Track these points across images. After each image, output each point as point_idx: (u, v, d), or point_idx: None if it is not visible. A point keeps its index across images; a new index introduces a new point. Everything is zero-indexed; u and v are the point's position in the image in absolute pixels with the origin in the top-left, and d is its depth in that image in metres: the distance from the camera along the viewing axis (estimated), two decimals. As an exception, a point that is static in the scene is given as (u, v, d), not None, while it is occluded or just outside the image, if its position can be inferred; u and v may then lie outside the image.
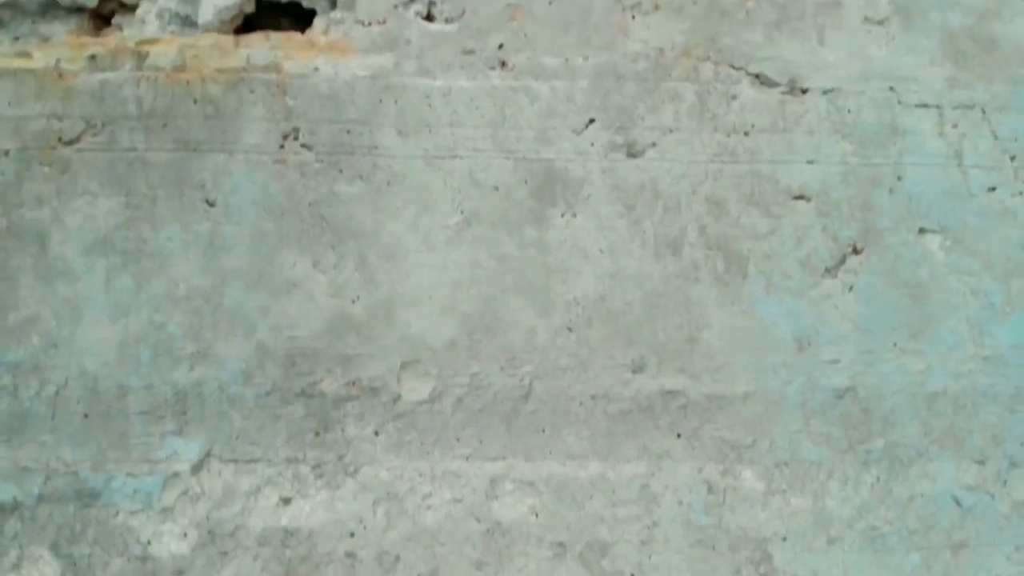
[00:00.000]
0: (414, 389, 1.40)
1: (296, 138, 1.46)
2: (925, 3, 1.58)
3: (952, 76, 1.55)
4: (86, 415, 1.38)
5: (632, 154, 1.49)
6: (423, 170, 1.47)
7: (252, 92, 1.46)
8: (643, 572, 1.40)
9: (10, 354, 1.39)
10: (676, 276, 1.46)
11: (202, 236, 1.42)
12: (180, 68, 1.47)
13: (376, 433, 1.40)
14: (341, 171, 1.45)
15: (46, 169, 1.43)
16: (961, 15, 1.58)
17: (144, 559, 1.36)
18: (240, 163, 1.44)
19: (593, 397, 1.42)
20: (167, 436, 1.38)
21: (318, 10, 1.55)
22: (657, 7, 1.54)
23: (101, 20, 1.56)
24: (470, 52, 1.50)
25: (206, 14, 1.51)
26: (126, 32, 1.54)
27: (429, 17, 1.52)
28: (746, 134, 1.50)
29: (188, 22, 1.53)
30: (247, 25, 1.58)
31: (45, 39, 1.53)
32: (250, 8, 1.56)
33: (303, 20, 1.58)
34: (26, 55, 1.48)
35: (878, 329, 1.47)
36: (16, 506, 1.36)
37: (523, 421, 1.42)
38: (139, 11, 1.53)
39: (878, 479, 1.44)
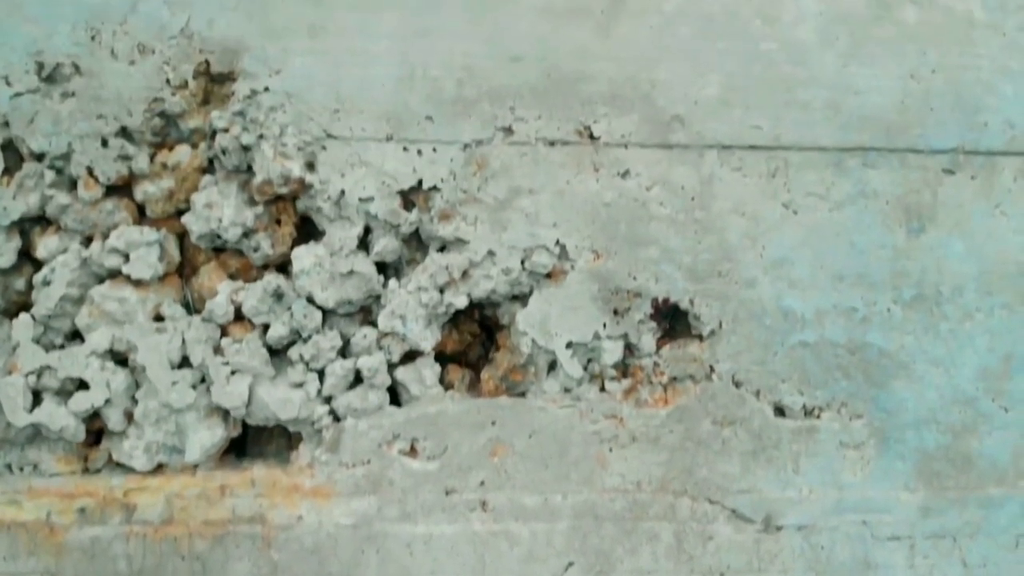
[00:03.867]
0: None
1: (281, 591, 1.50)
2: (902, 422, 1.60)
3: (925, 504, 1.58)
4: None
5: (609, 596, 1.53)
6: (406, 619, 1.51)
7: (238, 547, 1.50)
8: None
9: None
10: None
11: None
12: (167, 521, 1.50)
13: None
14: (324, 628, 1.50)
15: (41, 629, 1.47)
16: (937, 433, 1.61)
17: None
18: (227, 623, 1.48)
19: None
20: None
21: (304, 435, 1.58)
22: (634, 439, 1.56)
23: (90, 437, 1.59)
24: (452, 492, 1.53)
25: (193, 453, 1.54)
26: (115, 457, 1.57)
27: (413, 451, 1.55)
28: (722, 575, 1.54)
29: (176, 450, 1.56)
30: (233, 443, 1.61)
31: (35, 466, 1.57)
32: (236, 433, 1.59)
33: (290, 435, 1.61)
34: (17, 503, 1.51)
35: None
36: None
37: None
38: (126, 444, 1.56)
39: None
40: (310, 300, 1.57)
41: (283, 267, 1.64)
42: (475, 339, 1.70)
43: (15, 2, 1.60)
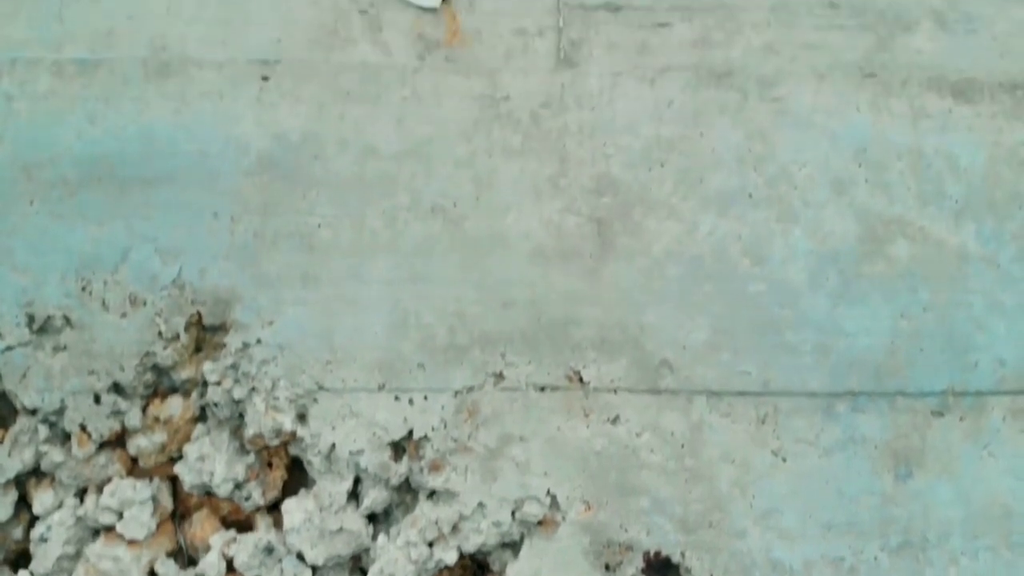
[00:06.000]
0: None
1: None
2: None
3: None
4: None
5: None
6: None
7: None
8: None
9: None
10: None
11: None
12: None
13: None
14: None
15: None
16: None
17: None
18: None
19: None
20: None
21: None
22: None
23: None
24: None
25: None
26: None
27: None
28: None
29: None
30: None
31: None
32: None
33: None
34: None
35: None
36: None
37: None
38: None
39: None
40: (300, 556, 1.58)
41: (276, 505, 1.65)
42: (466, 571, 1.71)
43: (4, 250, 1.61)
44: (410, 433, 1.61)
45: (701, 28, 1.73)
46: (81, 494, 1.61)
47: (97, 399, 1.58)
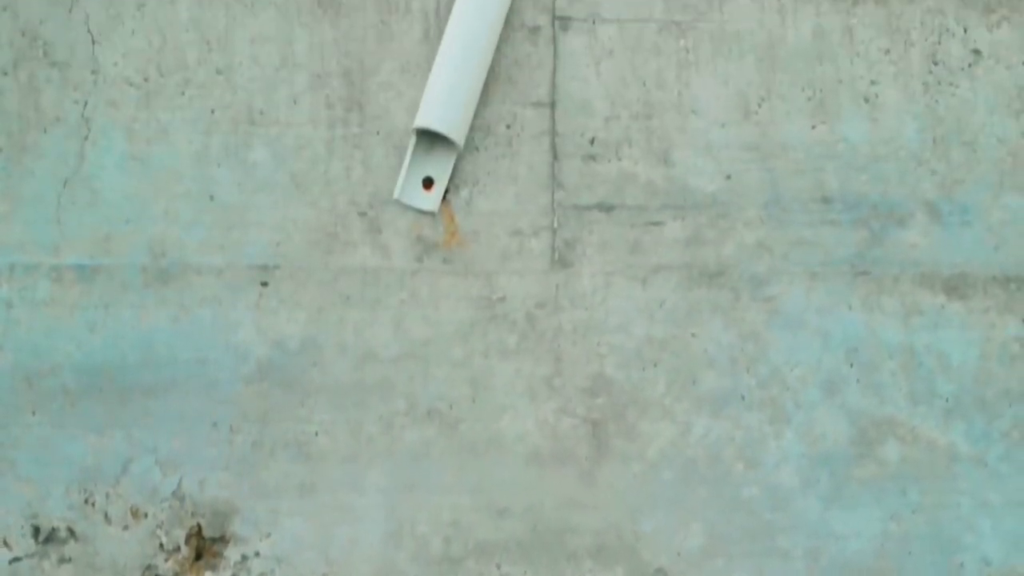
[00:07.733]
0: None
1: None
2: None
3: None
4: None
5: None
6: None
7: None
8: None
9: None
10: None
11: None
12: None
13: None
14: None
15: None
16: None
17: None
18: None
19: None
20: None
21: None
22: None
23: None
24: None
25: None
26: None
27: None
28: None
29: None
30: None
31: None
32: None
33: None
34: None
35: None
36: None
37: None
38: None
39: None
40: None
41: None
42: None
43: (8, 461, 1.64)
44: (407, 645, 1.64)
45: (693, 226, 1.74)
46: None
47: (100, 613, 1.61)
